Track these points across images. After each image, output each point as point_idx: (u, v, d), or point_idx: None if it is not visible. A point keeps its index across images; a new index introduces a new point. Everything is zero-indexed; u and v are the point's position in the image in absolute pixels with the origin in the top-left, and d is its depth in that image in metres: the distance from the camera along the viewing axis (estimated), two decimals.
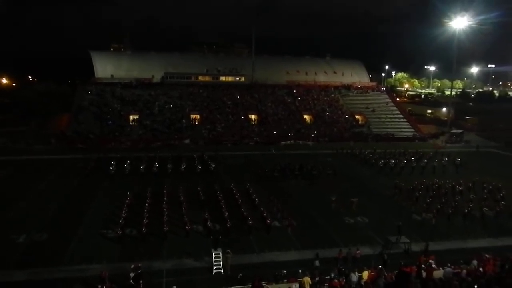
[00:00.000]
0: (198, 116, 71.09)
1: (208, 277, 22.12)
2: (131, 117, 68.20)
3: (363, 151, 55.42)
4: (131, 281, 19.92)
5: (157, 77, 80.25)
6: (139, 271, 20.43)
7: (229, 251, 23.40)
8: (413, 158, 51.82)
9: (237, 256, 23.86)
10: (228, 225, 27.99)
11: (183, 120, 68.75)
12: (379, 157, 51.82)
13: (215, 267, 22.84)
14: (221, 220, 28.96)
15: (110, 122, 65.20)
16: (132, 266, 20.71)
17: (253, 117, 73.68)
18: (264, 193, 36.11)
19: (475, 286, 15.04)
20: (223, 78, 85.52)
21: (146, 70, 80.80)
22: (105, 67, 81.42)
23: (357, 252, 24.70)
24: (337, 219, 31.37)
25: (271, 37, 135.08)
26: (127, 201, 31.55)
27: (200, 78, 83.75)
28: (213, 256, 23.27)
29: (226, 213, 29.53)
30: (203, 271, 22.91)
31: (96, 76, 79.28)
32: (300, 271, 20.28)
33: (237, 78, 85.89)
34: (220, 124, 69.18)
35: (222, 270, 22.78)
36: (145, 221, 27.69)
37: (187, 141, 61.46)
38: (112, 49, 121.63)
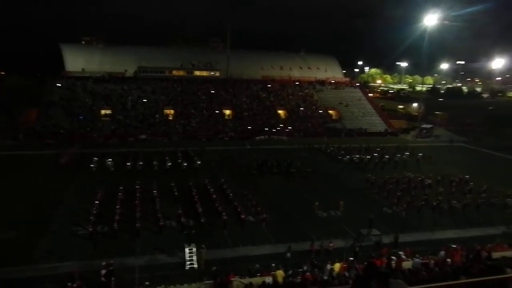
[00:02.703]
0: (172, 111, 70.33)
1: (181, 273, 22.02)
2: (103, 112, 66.79)
3: (336, 146, 56.02)
4: (102, 278, 19.63)
5: (130, 71, 78.77)
6: (111, 268, 20.14)
7: (203, 246, 23.38)
8: (383, 153, 52.52)
9: (211, 251, 23.88)
10: (202, 220, 27.93)
11: (157, 115, 67.87)
12: (351, 152, 52.42)
13: (188, 262, 22.78)
14: (195, 215, 28.85)
15: (81, 117, 63.68)
16: (104, 263, 20.40)
17: (228, 112, 73.42)
18: (239, 188, 36.05)
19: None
20: (197, 73, 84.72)
21: (119, 64, 79.14)
22: (76, 61, 79.30)
23: (330, 245, 25.12)
24: (311, 214, 31.73)
25: (246, 32, 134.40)
26: (98, 197, 30.98)
27: (174, 72, 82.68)
28: (187, 251, 23.19)
29: (200, 209, 29.43)
30: (176, 266, 22.81)
31: (66, 70, 77.13)
32: (273, 264, 20.46)
33: (212, 73, 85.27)
34: (194, 119, 68.64)
35: (196, 265, 22.73)
36: (117, 217, 27.28)
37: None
38: (83, 42, 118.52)
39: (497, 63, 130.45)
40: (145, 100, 71.06)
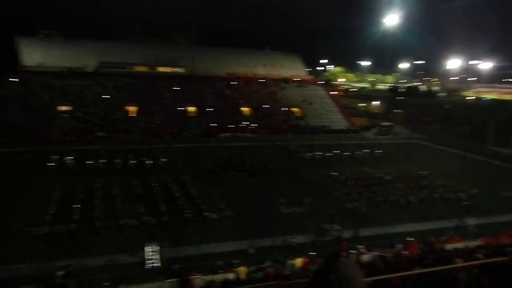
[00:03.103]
0: (134, 108, 68.89)
1: (143, 272, 21.68)
2: (61, 108, 64.45)
3: (299, 143, 56.66)
4: (60, 279, 19.04)
5: (91, 67, 76.49)
6: (70, 269, 19.57)
7: (165, 244, 23.13)
8: (343, 150, 53.50)
9: (173, 249, 23.68)
10: (164, 218, 27.59)
11: (119, 112, 66.28)
12: (314, 149, 53.15)
13: (150, 261, 22.45)
14: (157, 213, 28.45)
15: (38, 113, 61.18)
16: (61, 264, 19.79)
17: (192, 109, 72.74)
18: (203, 186, 35.84)
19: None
20: (161, 69, 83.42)
21: (79, 58, 76.53)
22: (33, 55, 75.87)
23: (293, 240, 25.46)
24: (274, 209, 31.98)
25: (211, 28, 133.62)
26: (56, 196, 29.97)
27: (137, 68, 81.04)
28: (149, 250, 22.86)
29: (162, 207, 29.07)
30: (138, 266, 22.41)
31: (22, 64, 73.83)
32: (236, 261, 20.53)
33: (176, 69, 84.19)
34: (158, 116, 67.57)
35: (157, 264, 22.44)
36: (75, 216, 26.50)
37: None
38: (41, 36, 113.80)
39: (453, 63, 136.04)
40: (107, 96, 69.23)
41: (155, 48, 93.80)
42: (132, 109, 68.56)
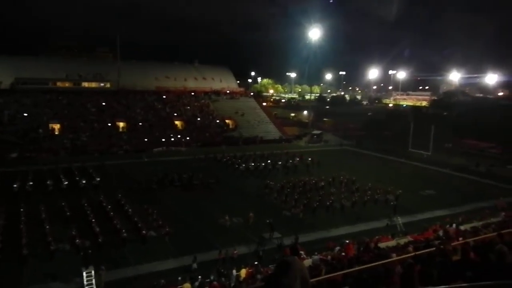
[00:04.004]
0: (58, 125, 64.92)
1: None
2: None
3: (233, 155, 56.84)
4: None
5: (7, 83, 70.88)
6: None
7: (102, 267, 21.97)
8: (276, 160, 54.56)
9: (111, 272, 22.53)
10: (99, 240, 26.22)
11: (40, 130, 62.02)
12: (247, 160, 53.69)
13: (87, 287, 21.17)
14: (91, 235, 26.97)
15: None
16: None
17: (121, 124, 70.13)
18: (138, 203, 34.51)
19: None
20: (86, 84, 79.49)
21: None
22: None
23: (234, 252, 25.43)
24: (214, 223, 31.79)
25: (136, 42, 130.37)
26: None
27: (59, 84, 76.43)
28: (84, 275, 21.53)
29: (97, 228, 27.63)
30: None
31: None
32: (179, 278, 20.08)
33: (102, 84, 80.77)
34: (84, 132, 64.24)
35: None
36: None
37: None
38: None
39: (373, 73, 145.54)
40: (25, 114, 64.52)
41: (78, 62, 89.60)
42: (55, 127, 64.55)
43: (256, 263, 22.72)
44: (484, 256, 6.88)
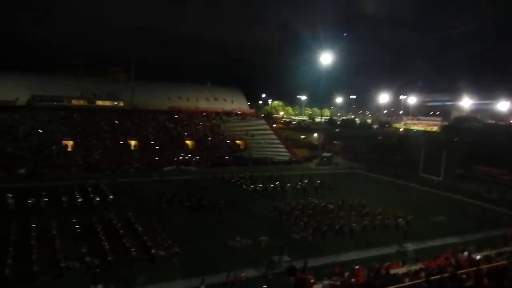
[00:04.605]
0: (71, 142, 65.89)
1: None
2: None
3: (242, 175, 56.72)
4: None
5: (23, 100, 72.50)
6: None
7: (112, 286, 21.99)
8: (285, 181, 54.15)
9: None
10: (108, 258, 26.28)
11: (53, 146, 62.94)
12: (256, 181, 53.47)
13: None
14: (101, 253, 27.05)
15: None
16: None
17: (133, 142, 70.98)
18: (148, 222, 34.61)
19: None
20: (99, 102, 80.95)
21: (8, 91, 72.13)
22: None
23: (242, 275, 25.22)
24: (222, 244, 31.68)
25: (149, 62, 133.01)
26: None
27: (74, 101, 77.98)
28: None
29: (107, 246, 27.74)
30: None
31: None
32: None
33: (115, 103, 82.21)
34: (97, 150, 65.04)
35: None
36: (9, 261, 24.47)
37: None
38: None
39: (383, 97, 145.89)
40: (41, 131, 65.67)
41: (92, 81, 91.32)
42: (68, 143, 65.52)
43: (264, 286, 22.55)
44: (498, 282, 6.89)
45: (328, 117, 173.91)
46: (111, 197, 41.74)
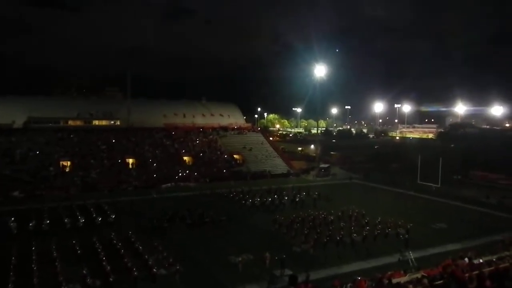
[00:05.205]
0: (69, 163, 65.88)
1: None
2: None
3: (241, 190, 56.60)
4: None
5: (20, 122, 72.69)
6: None
7: None
8: (283, 195, 54.13)
9: None
10: (110, 279, 26.17)
11: (51, 167, 62.89)
12: (255, 196, 53.19)
13: None
14: (102, 274, 26.94)
15: None
16: None
17: (130, 161, 71.06)
18: (148, 240, 34.52)
19: None
20: (96, 122, 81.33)
21: (5, 114, 72.36)
22: None
23: None
24: (223, 260, 31.54)
25: (144, 81, 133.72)
26: None
27: (71, 122, 78.35)
28: None
29: (108, 267, 27.63)
30: None
31: None
32: None
33: (112, 122, 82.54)
34: (94, 169, 65.03)
35: None
36: (10, 286, 24.33)
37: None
38: None
39: (378, 107, 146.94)
40: (38, 152, 65.67)
41: (89, 101, 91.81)
42: (66, 164, 65.53)
43: None
44: (500, 283, 7.01)
45: (324, 128, 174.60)
46: (112, 216, 41.64)
